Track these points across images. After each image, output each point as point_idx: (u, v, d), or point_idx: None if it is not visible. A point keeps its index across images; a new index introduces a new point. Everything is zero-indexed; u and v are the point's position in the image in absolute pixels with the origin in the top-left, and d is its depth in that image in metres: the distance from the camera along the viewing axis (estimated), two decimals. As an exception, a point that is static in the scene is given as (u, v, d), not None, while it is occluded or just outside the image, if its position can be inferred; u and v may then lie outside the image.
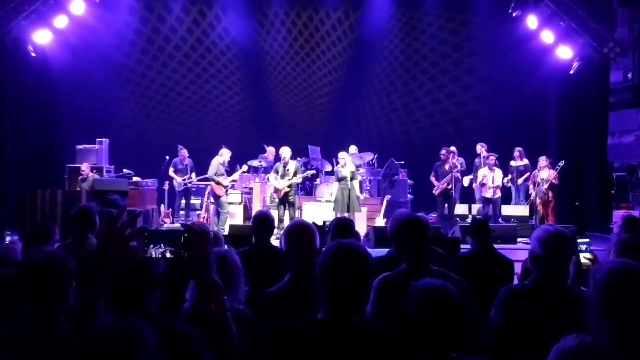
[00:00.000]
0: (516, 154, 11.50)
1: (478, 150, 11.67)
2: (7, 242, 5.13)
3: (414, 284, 2.16)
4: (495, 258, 4.51)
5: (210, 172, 10.63)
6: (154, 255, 1.70)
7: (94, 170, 11.21)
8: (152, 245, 1.70)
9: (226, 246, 4.95)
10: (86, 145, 11.83)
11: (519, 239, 9.77)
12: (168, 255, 1.70)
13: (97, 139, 11.97)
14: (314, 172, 11.66)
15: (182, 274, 2.15)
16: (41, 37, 11.49)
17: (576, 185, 12.05)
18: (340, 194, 10.17)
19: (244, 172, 11.41)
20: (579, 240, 3.10)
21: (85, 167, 11.00)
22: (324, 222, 7.12)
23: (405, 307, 2.11)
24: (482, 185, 10.97)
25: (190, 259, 1.70)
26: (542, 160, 10.97)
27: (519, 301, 2.67)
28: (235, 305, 2.69)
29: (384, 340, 2.01)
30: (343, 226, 3.97)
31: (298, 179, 10.50)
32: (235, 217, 11.11)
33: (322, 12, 14.12)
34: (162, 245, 1.71)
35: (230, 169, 11.09)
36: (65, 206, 9.62)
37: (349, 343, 1.96)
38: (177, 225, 10.17)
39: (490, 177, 10.82)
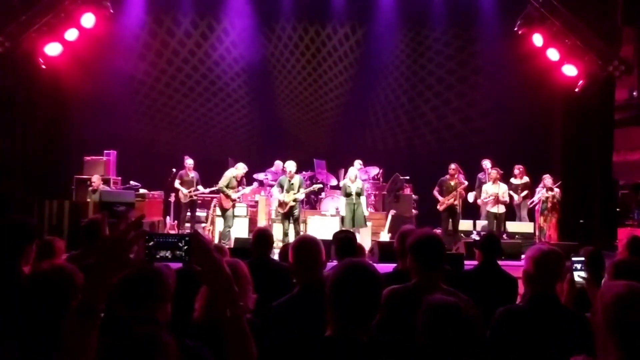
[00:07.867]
0: (516, 171, 11.52)
1: (484, 166, 11.70)
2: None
3: (427, 298, 2.21)
4: (500, 275, 4.53)
5: (222, 183, 10.63)
6: (159, 256, 1.66)
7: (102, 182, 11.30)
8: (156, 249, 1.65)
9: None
10: (94, 157, 11.93)
11: (523, 256, 9.74)
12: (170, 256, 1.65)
13: (105, 151, 12.07)
14: (320, 186, 11.69)
15: (193, 282, 2.16)
16: (51, 50, 11.59)
17: (581, 202, 12.02)
18: (348, 209, 10.24)
19: (255, 187, 11.57)
20: (573, 259, 3.06)
21: (96, 179, 11.08)
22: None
23: (412, 320, 2.14)
24: (486, 201, 10.99)
25: (201, 265, 1.64)
26: (547, 179, 10.98)
27: (513, 322, 2.68)
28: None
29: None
30: (346, 240, 4.01)
31: (301, 194, 10.51)
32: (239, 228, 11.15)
33: (329, 27, 14.24)
34: (166, 250, 1.67)
35: (239, 184, 11.15)
36: (72, 217, 9.70)
37: None
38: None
39: (499, 192, 10.79)
